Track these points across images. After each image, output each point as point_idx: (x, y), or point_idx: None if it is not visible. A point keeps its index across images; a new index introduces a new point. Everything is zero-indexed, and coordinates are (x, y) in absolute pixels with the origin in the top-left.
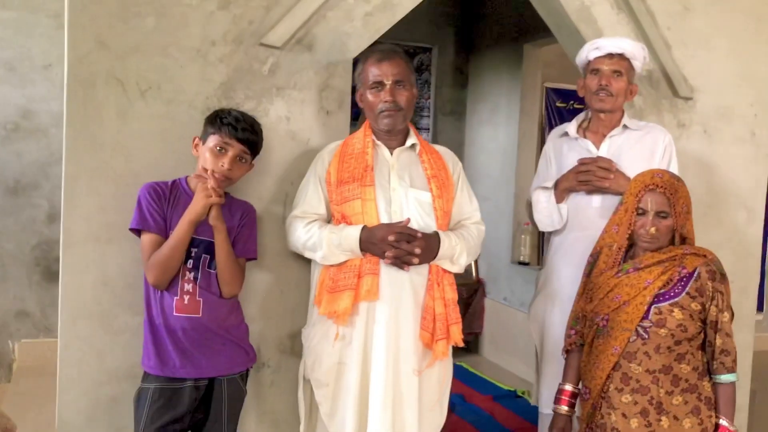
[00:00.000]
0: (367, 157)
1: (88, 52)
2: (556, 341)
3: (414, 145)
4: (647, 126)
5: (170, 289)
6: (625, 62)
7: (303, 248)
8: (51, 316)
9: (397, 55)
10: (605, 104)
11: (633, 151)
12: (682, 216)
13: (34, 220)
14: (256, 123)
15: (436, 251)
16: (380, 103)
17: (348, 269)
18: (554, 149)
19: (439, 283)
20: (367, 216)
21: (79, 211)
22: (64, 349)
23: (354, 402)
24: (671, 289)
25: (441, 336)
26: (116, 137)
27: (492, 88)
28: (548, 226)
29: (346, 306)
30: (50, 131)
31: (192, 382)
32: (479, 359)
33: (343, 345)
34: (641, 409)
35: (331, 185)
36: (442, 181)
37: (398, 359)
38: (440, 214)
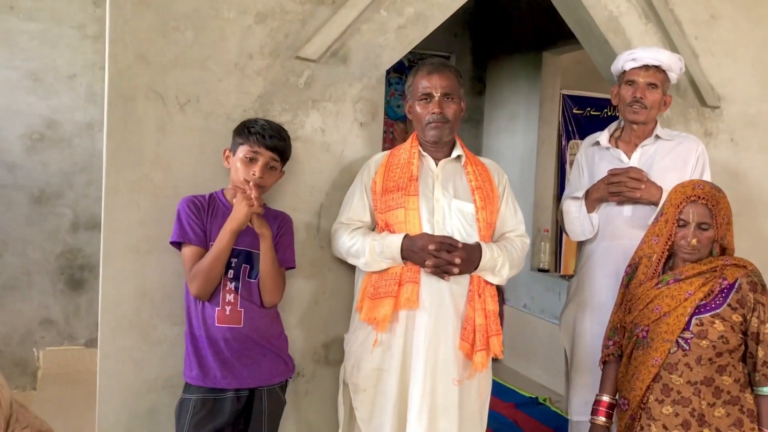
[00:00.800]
0: (413, 167)
1: (128, 66)
2: (587, 350)
3: (459, 156)
4: (680, 136)
5: (212, 300)
6: (661, 74)
7: (347, 254)
8: (75, 324)
9: (446, 69)
10: (639, 116)
11: (665, 161)
12: (722, 227)
13: (58, 229)
14: (283, 130)
15: (477, 262)
16: (428, 115)
17: (389, 277)
18: (586, 158)
19: (480, 294)
20: (410, 225)
21: (118, 223)
22: (104, 359)
23: (393, 409)
24: (712, 301)
25: (481, 347)
26: (156, 150)
27: (510, 96)
28: (580, 235)
29: (386, 313)
30: (74, 141)
31: (233, 392)
32: (499, 366)
33: (383, 351)
34: (682, 421)
35: (376, 194)
36: (486, 193)
37: (437, 369)
38: (483, 226)
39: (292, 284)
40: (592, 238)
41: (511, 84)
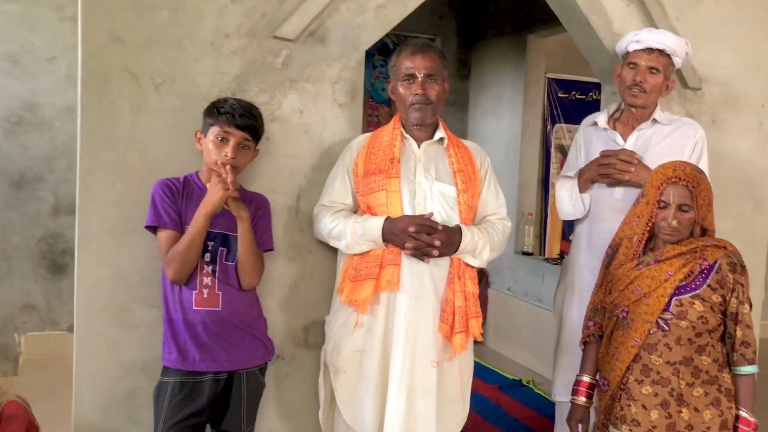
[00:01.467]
0: (395, 149)
1: (102, 46)
2: (573, 331)
3: (442, 138)
4: (679, 120)
5: (189, 283)
6: (665, 58)
7: (328, 237)
8: (57, 309)
9: (430, 49)
10: (637, 100)
11: (661, 146)
12: (703, 209)
13: (38, 214)
14: (255, 108)
15: (457, 245)
16: (411, 96)
17: (370, 259)
18: (584, 138)
19: (460, 276)
20: (391, 207)
21: (93, 205)
22: (80, 343)
23: (374, 390)
24: (692, 281)
25: (460, 329)
26: (131, 131)
27: (495, 79)
28: (570, 215)
29: (367, 295)
30: (54, 124)
31: (212, 375)
32: (483, 349)
33: (364, 333)
34: (662, 400)
35: (358, 176)
36: (468, 176)
37: (416, 350)
38: (464, 209)
39: (271, 267)
40: (582, 219)
41: (496, 67)
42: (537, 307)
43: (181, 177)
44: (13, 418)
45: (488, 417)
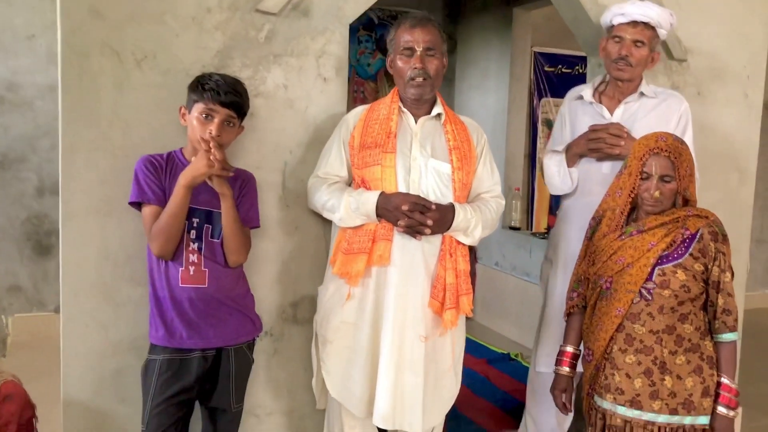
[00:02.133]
0: (391, 123)
1: (82, 22)
2: (557, 303)
3: (440, 114)
4: (665, 93)
5: (175, 260)
6: (650, 31)
7: (322, 209)
8: (43, 290)
9: (430, 23)
10: (623, 74)
11: (647, 119)
12: (685, 179)
13: (23, 194)
14: (240, 84)
15: (449, 223)
16: (410, 70)
17: (363, 233)
18: (569, 112)
19: (452, 253)
20: (386, 182)
21: (77, 184)
22: (67, 322)
23: (364, 362)
24: (674, 251)
25: (450, 305)
26: (113, 108)
27: (481, 53)
28: (559, 189)
29: (359, 269)
30: (36, 104)
31: (200, 352)
32: (472, 323)
33: (355, 306)
34: (645, 369)
35: (354, 149)
36: (464, 153)
37: (405, 325)
38: (458, 186)
39: (258, 244)
40: (570, 194)
41: (483, 41)
42: (524, 281)
43: (164, 153)
44: (10, 397)
45: (477, 390)
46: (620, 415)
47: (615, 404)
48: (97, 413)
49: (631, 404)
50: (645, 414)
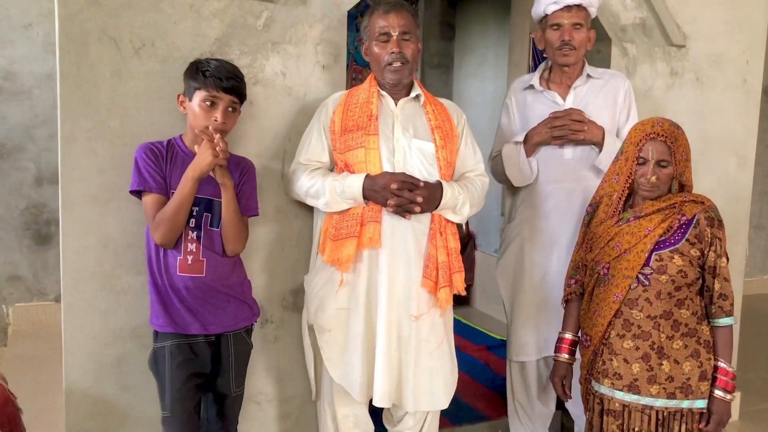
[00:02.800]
0: (372, 106)
1: (80, 10)
2: (528, 292)
3: (418, 96)
4: (606, 73)
5: (174, 249)
6: (583, 12)
7: (306, 195)
8: (43, 279)
9: (403, 8)
10: (569, 59)
11: (597, 100)
12: (681, 164)
13: (21, 184)
14: (237, 69)
15: (438, 200)
16: (387, 55)
17: (351, 217)
18: (517, 102)
19: (441, 232)
20: (370, 165)
21: (76, 172)
22: (68, 310)
23: (361, 346)
24: (671, 236)
25: (444, 284)
26: (111, 96)
27: (479, 41)
28: (521, 181)
29: (350, 254)
30: (33, 93)
31: (203, 338)
32: (471, 311)
33: (349, 291)
34: (643, 354)
35: (335, 133)
36: (446, 132)
37: (399, 305)
38: (443, 164)
39: (257, 231)
40: (535, 182)
41: (481, 28)
42: None
43: (164, 141)
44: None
45: (477, 377)
46: (618, 399)
47: (613, 389)
48: (98, 400)
49: (629, 389)
50: (643, 398)
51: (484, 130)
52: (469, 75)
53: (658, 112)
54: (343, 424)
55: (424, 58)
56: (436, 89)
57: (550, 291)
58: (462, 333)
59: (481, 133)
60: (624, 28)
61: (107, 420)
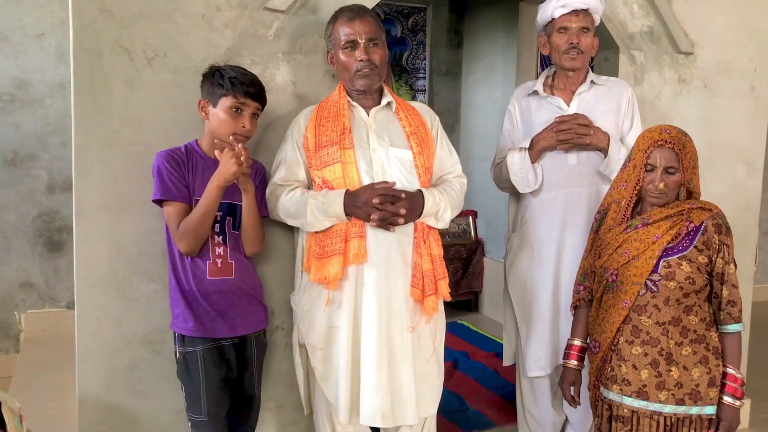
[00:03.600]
0: (344, 119)
1: (93, 21)
2: (547, 302)
3: (390, 103)
4: (609, 80)
5: (201, 254)
6: (590, 17)
7: (286, 216)
8: (55, 286)
9: (367, 14)
10: (576, 62)
11: (601, 107)
12: (689, 171)
13: (34, 191)
14: (256, 76)
15: (420, 209)
16: (355, 63)
17: (334, 234)
18: (520, 109)
19: (425, 240)
20: (349, 179)
21: (90, 180)
22: (81, 317)
23: (346, 365)
24: (679, 243)
25: (430, 292)
26: (125, 106)
27: (488, 48)
28: (525, 187)
29: (336, 271)
30: (46, 101)
31: (229, 340)
32: (480, 317)
33: (333, 309)
34: (651, 360)
35: (309, 150)
36: (422, 138)
37: (390, 318)
38: (422, 171)
39: (269, 239)
40: (539, 189)
41: (489, 36)
42: None
43: (182, 147)
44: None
45: (486, 383)
46: (627, 405)
47: (621, 395)
48: (111, 406)
49: (637, 395)
50: (651, 404)
51: (492, 136)
52: (477, 82)
53: (666, 119)
54: None
55: (432, 66)
56: (444, 96)
57: (561, 301)
58: (471, 339)
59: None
60: (632, 36)
61: (119, 425)
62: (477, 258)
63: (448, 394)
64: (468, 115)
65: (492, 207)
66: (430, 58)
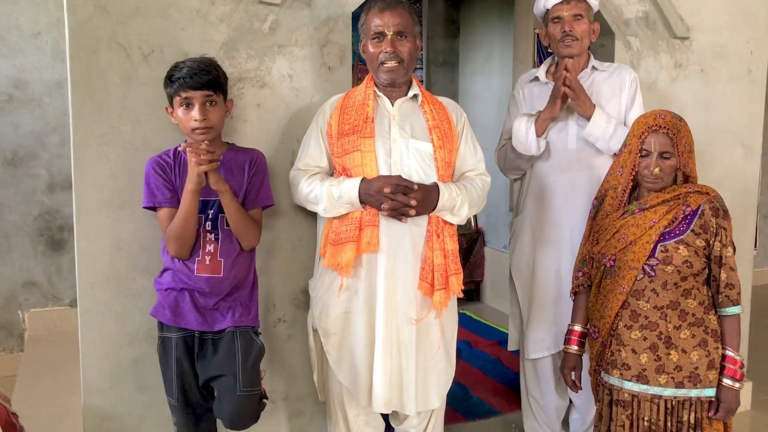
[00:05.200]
0: (368, 108)
1: (89, 18)
2: (548, 285)
3: (416, 95)
4: (612, 66)
5: (192, 250)
6: (583, 3)
7: (305, 201)
8: (58, 284)
9: (399, 6)
10: (572, 49)
11: (603, 91)
12: (684, 155)
13: (34, 191)
14: (209, 61)
15: (435, 203)
16: (381, 54)
17: (349, 222)
18: (524, 94)
19: (438, 234)
20: (367, 167)
21: (89, 178)
22: (84, 314)
23: (363, 350)
24: (676, 227)
25: (440, 286)
26: (122, 102)
27: (484, 37)
28: (526, 149)
29: (349, 258)
30: (44, 101)
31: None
32: (482, 306)
33: (349, 295)
34: (650, 344)
35: (332, 137)
36: (444, 132)
37: (396, 308)
38: (441, 165)
39: (269, 232)
40: (539, 173)
41: (485, 25)
42: None
43: (170, 150)
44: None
45: (489, 372)
46: (627, 390)
47: (622, 379)
48: (116, 401)
49: (637, 379)
50: (651, 388)
51: (490, 125)
52: (475, 71)
53: (663, 104)
54: (354, 423)
55: (429, 56)
56: (441, 87)
57: (563, 284)
58: (473, 329)
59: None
60: (627, 22)
61: (125, 421)
62: (478, 248)
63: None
64: (465, 105)
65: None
66: (427, 48)
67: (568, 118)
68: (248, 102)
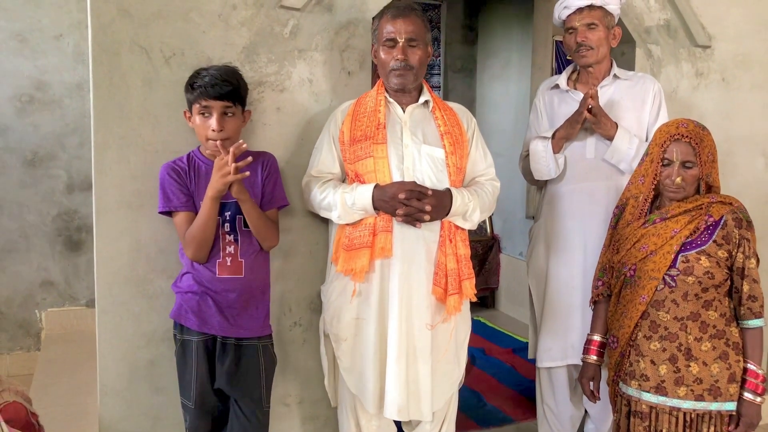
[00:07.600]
0: (380, 115)
1: (111, 21)
2: (560, 294)
3: (427, 101)
4: (636, 76)
5: (211, 253)
6: (597, 11)
7: (319, 208)
8: (75, 284)
9: (412, 13)
10: (588, 59)
11: (624, 102)
12: (707, 165)
13: (53, 191)
14: (232, 71)
15: (448, 208)
16: (392, 61)
17: (363, 227)
18: (545, 102)
19: (451, 239)
20: (380, 174)
21: (109, 179)
22: (102, 314)
23: (373, 356)
24: (698, 238)
25: (453, 291)
26: (143, 105)
27: (502, 44)
28: (545, 174)
29: (363, 264)
30: (64, 102)
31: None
32: (496, 314)
33: (361, 301)
34: (670, 355)
35: (345, 144)
36: (456, 138)
37: (411, 314)
38: (453, 171)
39: (286, 234)
40: (557, 182)
41: (504, 31)
42: None
43: (184, 156)
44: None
45: (503, 379)
46: (645, 401)
47: (640, 390)
48: (132, 402)
49: (656, 390)
50: (670, 400)
51: (508, 131)
52: (492, 78)
53: (683, 113)
54: (366, 429)
55: (447, 62)
56: (459, 93)
57: (573, 294)
58: (487, 336)
59: (505, 134)
60: (648, 30)
61: (140, 421)
62: (493, 254)
63: (466, 390)
64: (483, 111)
65: (508, 203)
66: (445, 54)
67: (587, 128)
68: (268, 106)
